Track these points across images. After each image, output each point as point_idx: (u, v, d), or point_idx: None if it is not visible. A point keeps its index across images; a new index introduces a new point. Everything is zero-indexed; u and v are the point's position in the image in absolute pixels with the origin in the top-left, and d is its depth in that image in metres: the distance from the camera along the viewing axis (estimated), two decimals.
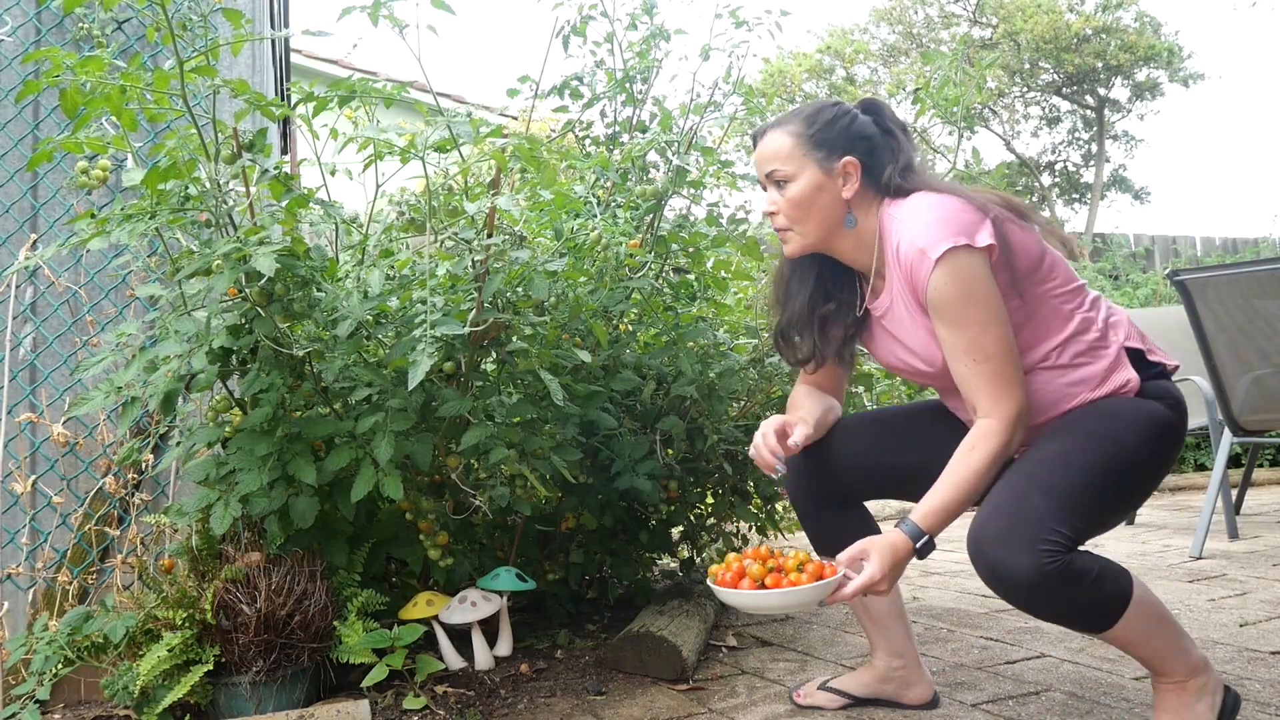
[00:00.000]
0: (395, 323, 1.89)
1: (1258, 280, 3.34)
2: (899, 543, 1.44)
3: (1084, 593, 1.39)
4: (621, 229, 2.09)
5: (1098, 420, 1.50)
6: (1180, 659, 1.51)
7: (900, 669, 1.80)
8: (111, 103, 1.52)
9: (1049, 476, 1.43)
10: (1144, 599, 1.46)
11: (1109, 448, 1.47)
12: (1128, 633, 1.46)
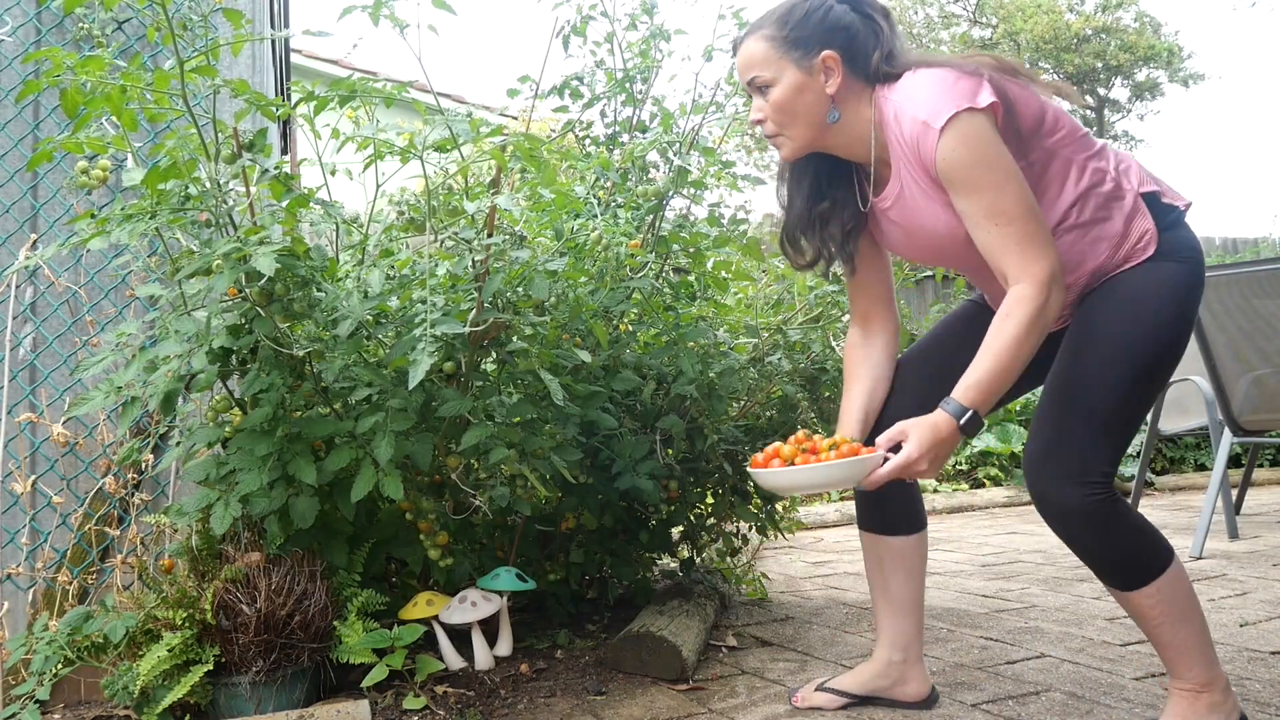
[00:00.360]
0: (395, 323, 1.89)
1: (1258, 280, 3.34)
2: (940, 421, 1.43)
3: (1125, 534, 1.45)
4: (622, 229, 2.09)
5: (1126, 318, 1.50)
6: (1200, 663, 1.50)
7: (900, 663, 1.78)
8: (112, 103, 1.51)
9: (1089, 403, 1.46)
10: (1180, 578, 1.49)
11: (1139, 351, 1.48)
12: (1156, 604, 1.47)
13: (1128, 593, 1.48)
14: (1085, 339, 1.52)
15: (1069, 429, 1.47)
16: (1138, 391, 1.48)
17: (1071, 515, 1.45)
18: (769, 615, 2.65)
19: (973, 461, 5.69)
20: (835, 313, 2.57)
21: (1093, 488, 1.44)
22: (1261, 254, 7.96)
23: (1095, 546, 1.47)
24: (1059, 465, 1.46)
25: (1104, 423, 1.46)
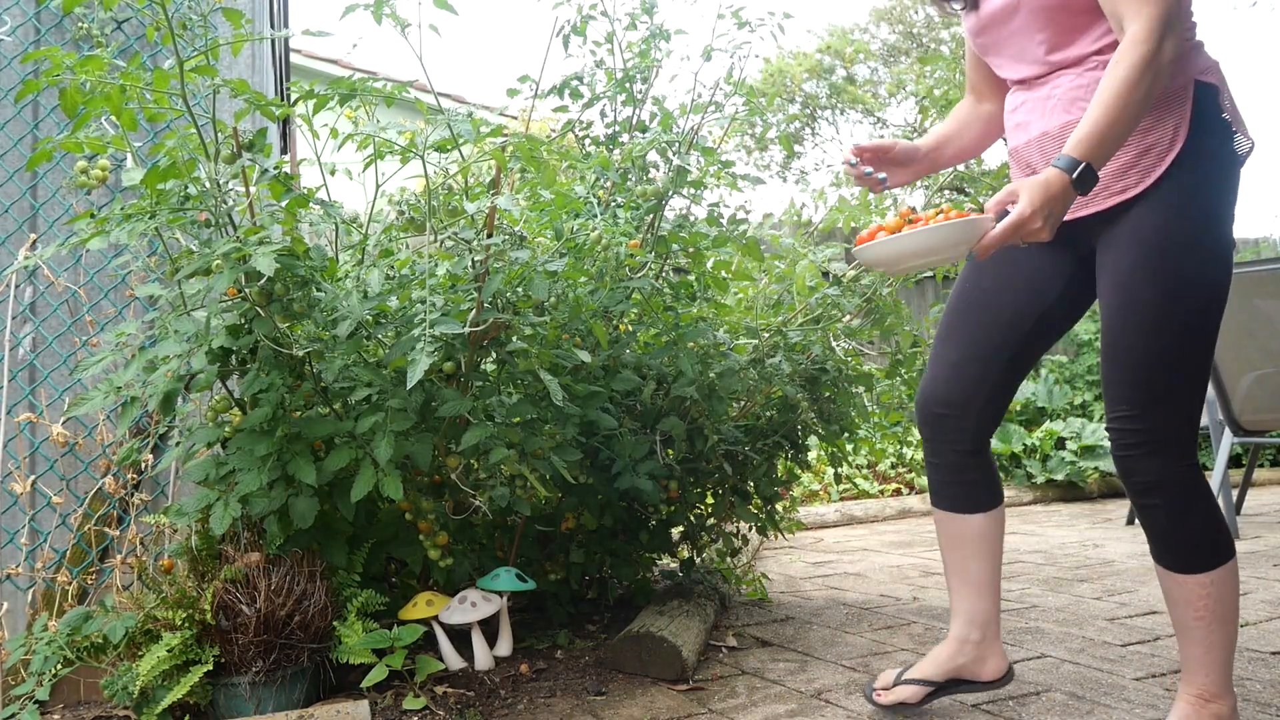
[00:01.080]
0: (395, 323, 1.89)
1: (1258, 280, 3.33)
2: (1051, 177, 1.35)
3: (1203, 510, 1.45)
4: (622, 229, 2.08)
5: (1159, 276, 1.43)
6: (1219, 673, 1.49)
7: (978, 642, 1.73)
8: (111, 102, 1.51)
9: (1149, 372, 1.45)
10: (1235, 577, 1.49)
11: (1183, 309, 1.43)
12: (1206, 595, 1.47)
13: (1184, 575, 1.47)
14: (1125, 303, 1.47)
15: (1138, 401, 1.46)
16: (1194, 344, 1.45)
17: (1156, 486, 1.45)
18: (769, 615, 2.65)
19: None
20: (835, 314, 2.57)
21: (1174, 456, 1.44)
22: (1262, 254, 7.96)
23: (1173, 517, 1.46)
24: (1134, 440, 1.46)
25: (1169, 388, 1.44)
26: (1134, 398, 1.46)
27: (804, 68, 10.59)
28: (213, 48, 1.57)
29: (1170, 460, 1.45)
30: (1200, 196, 1.44)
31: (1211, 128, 1.45)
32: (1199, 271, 1.44)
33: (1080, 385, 6.29)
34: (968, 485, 1.73)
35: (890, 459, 5.62)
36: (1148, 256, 1.45)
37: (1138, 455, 1.46)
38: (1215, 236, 1.45)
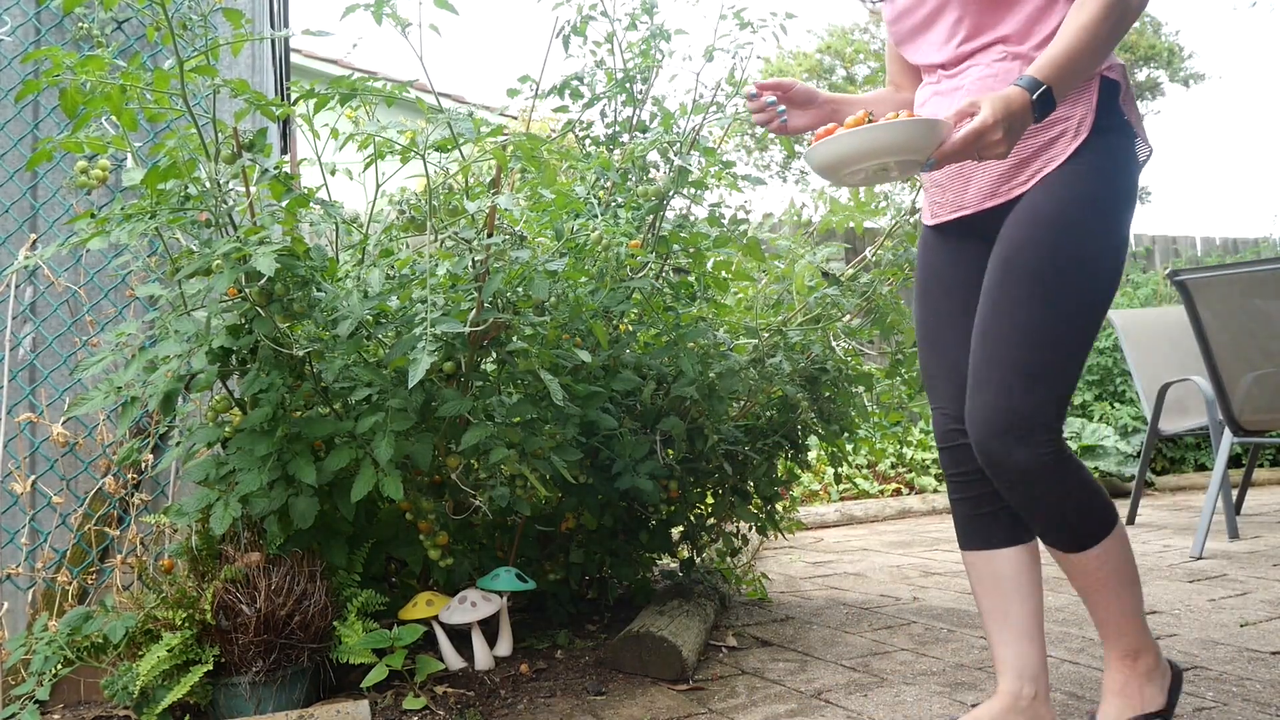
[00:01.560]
0: (395, 323, 1.89)
1: (1258, 280, 3.33)
2: (1012, 93, 1.31)
3: (1077, 492, 1.40)
4: (622, 229, 2.09)
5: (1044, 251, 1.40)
6: (1136, 629, 1.48)
7: (1031, 699, 1.54)
8: (111, 102, 1.51)
9: (1018, 354, 1.39)
10: (1125, 541, 1.45)
11: (1065, 287, 1.39)
12: (1101, 566, 1.43)
13: (1074, 554, 1.43)
14: (1008, 275, 1.42)
15: (1004, 384, 1.40)
16: (1072, 329, 1.40)
17: (1023, 476, 1.39)
18: (769, 615, 2.65)
19: None
20: (835, 313, 2.57)
21: (1040, 444, 1.38)
22: (1262, 254, 7.96)
23: (1047, 505, 1.41)
24: (1001, 423, 1.39)
25: (1042, 369, 1.39)
26: (1010, 378, 1.39)
27: (804, 68, 10.59)
28: (213, 48, 1.57)
29: (1040, 447, 1.38)
30: (1100, 188, 1.43)
31: (1114, 124, 1.46)
32: (1089, 259, 1.41)
33: (1080, 385, 6.29)
34: (1002, 515, 1.59)
35: (890, 459, 5.62)
36: (1040, 233, 1.42)
37: (1005, 440, 1.38)
38: (1109, 230, 1.43)
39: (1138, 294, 6.65)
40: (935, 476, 5.61)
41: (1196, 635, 2.24)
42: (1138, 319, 4.65)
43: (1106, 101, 1.45)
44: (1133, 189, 1.47)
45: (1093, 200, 1.42)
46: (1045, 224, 1.42)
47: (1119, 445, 5.50)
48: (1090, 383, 6.31)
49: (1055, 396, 1.40)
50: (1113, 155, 1.45)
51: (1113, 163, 1.45)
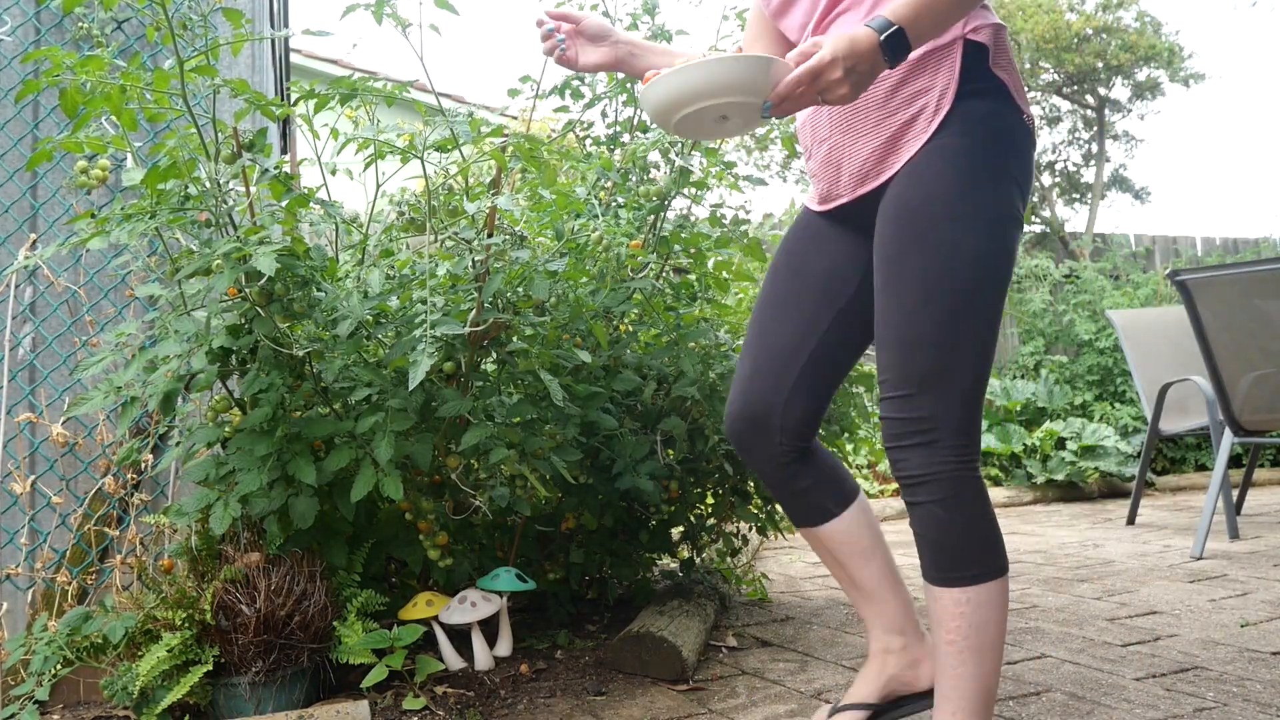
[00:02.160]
0: (395, 323, 1.89)
1: (1258, 280, 3.33)
2: (860, 32, 1.21)
3: (971, 512, 1.31)
4: (623, 229, 2.08)
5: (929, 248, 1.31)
6: (965, 712, 1.32)
7: (900, 649, 1.57)
8: (111, 102, 1.51)
9: (921, 361, 1.31)
10: (997, 604, 1.34)
11: (957, 284, 1.30)
12: (959, 615, 1.31)
13: (941, 589, 1.33)
14: (891, 278, 1.35)
15: (907, 386, 1.33)
16: (968, 324, 1.32)
17: (925, 481, 1.31)
18: (769, 615, 2.65)
19: None
20: None
21: (947, 450, 1.31)
22: (1262, 254, 7.96)
23: (939, 519, 1.31)
24: (901, 430, 1.33)
25: (941, 372, 1.31)
26: (904, 382, 1.32)
27: None
28: (213, 48, 1.57)
29: (942, 454, 1.30)
30: (969, 160, 1.32)
31: (983, 90, 1.35)
32: (969, 242, 1.31)
33: (1080, 385, 6.29)
34: (803, 494, 1.56)
35: None
36: (912, 226, 1.33)
37: (907, 446, 1.32)
38: (989, 205, 1.32)
39: (1138, 294, 6.66)
40: None
41: (1197, 635, 2.24)
42: (1138, 319, 4.66)
43: (973, 67, 1.35)
44: (1012, 157, 1.35)
45: (963, 184, 1.32)
46: (918, 216, 1.33)
47: (1119, 445, 5.50)
48: (1090, 383, 6.31)
49: (958, 400, 1.31)
50: (985, 124, 1.34)
51: (985, 133, 1.34)
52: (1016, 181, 1.36)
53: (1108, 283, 6.77)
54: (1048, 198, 9.82)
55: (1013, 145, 1.36)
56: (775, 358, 1.53)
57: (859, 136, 1.41)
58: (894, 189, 1.37)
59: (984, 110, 1.34)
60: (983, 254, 1.31)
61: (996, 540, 1.34)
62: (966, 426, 1.32)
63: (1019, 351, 6.68)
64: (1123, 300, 6.55)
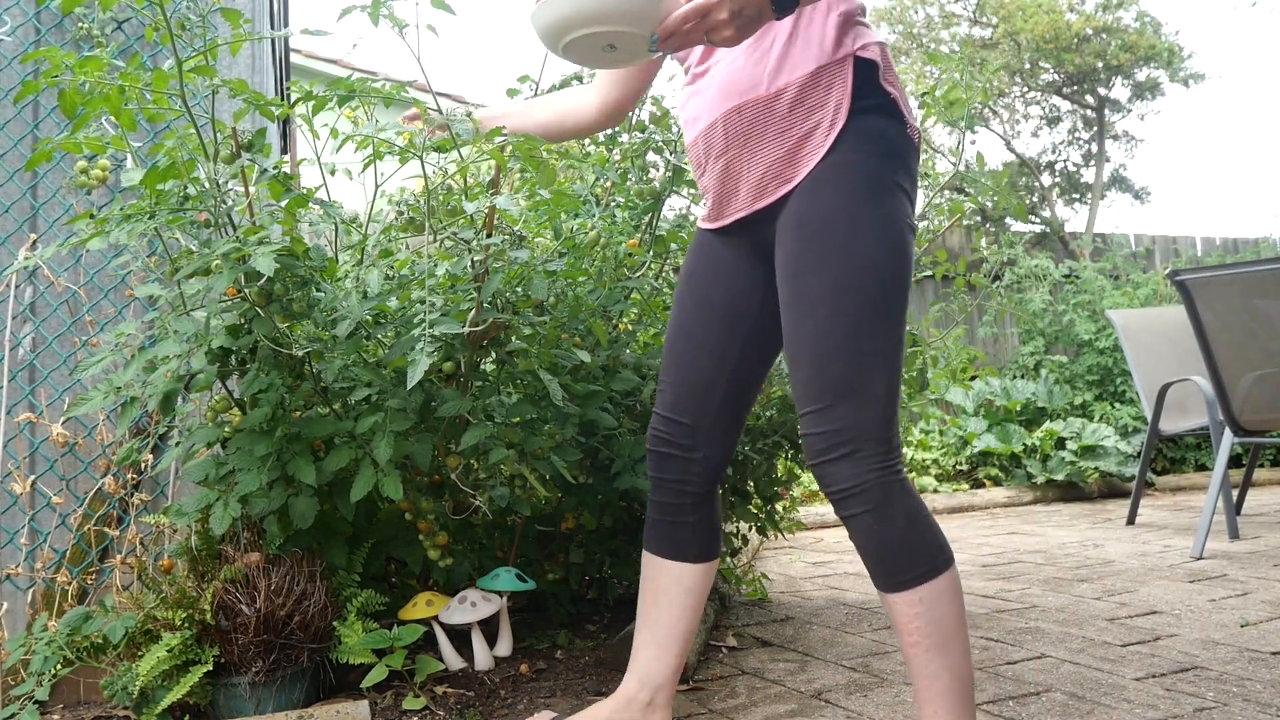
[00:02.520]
0: (395, 323, 1.89)
1: (1258, 280, 3.33)
2: None
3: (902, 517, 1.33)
4: (620, 228, 2.08)
5: (829, 260, 1.34)
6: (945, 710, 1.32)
7: (646, 705, 1.59)
8: (110, 103, 1.51)
9: (832, 369, 1.34)
10: (951, 595, 1.34)
11: (858, 292, 1.34)
12: (916, 616, 1.32)
13: (892, 594, 1.34)
14: (795, 295, 1.38)
15: (822, 401, 1.35)
16: (874, 335, 1.34)
17: (854, 494, 1.33)
18: (769, 615, 2.65)
19: (973, 461, 5.69)
20: None
21: (868, 458, 1.33)
22: (1262, 254, 7.96)
23: (873, 528, 1.33)
24: (823, 444, 1.35)
25: (853, 384, 1.33)
26: (818, 397, 1.35)
27: None
28: (211, 48, 1.57)
29: (866, 463, 1.33)
30: (865, 175, 1.37)
31: (874, 105, 1.40)
32: (871, 254, 1.34)
33: (1080, 385, 6.29)
34: (681, 529, 1.59)
35: None
36: (812, 242, 1.36)
37: (831, 460, 1.34)
38: (884, 216, 1.36)
39: (1138, 294, 6.66)
40: (935, 476, 5.61)
41: (1197, 635, 2.24)
42: (1138, 319, 4.66)
43: (864, 83, 1.40)
44: (901, 169, 1.40)
45: (861, 198, 1.36)
46: (817, 232, 1.37)
47: (1119, 445, 5.50)
48: (1090, 383, 6.31)
49: (875, 408, 1.34)
50: (878, 139, 1.39)
51: (878, 147, 1.39)
52: (906, 192, 1.41)
53: (1108, 283, 6.77)
54: (1048, 198, 9.82)
55: (902, 158, 1.41)
56: (693, 393, 1.57)
57: (756, 151, 1.45)
58: (792, 205, 1.41)
59: (876, 126, 1.40)
60: (884, 263, 1.35)
61: (935, 536, 1.36)
62: (885, 432, 1.35)
63: (1019, 351, 6.68)
64: (1123, 300, 6.55)
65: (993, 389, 6.04)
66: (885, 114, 1.41)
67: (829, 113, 1.39)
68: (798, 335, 1.38)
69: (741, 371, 1.57)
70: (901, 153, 1.41)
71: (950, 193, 3.00)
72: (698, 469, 1.58)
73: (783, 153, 1.42)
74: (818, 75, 1.40)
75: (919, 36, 11.00)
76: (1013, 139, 10.61)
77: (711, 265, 1.57)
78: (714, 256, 1.57)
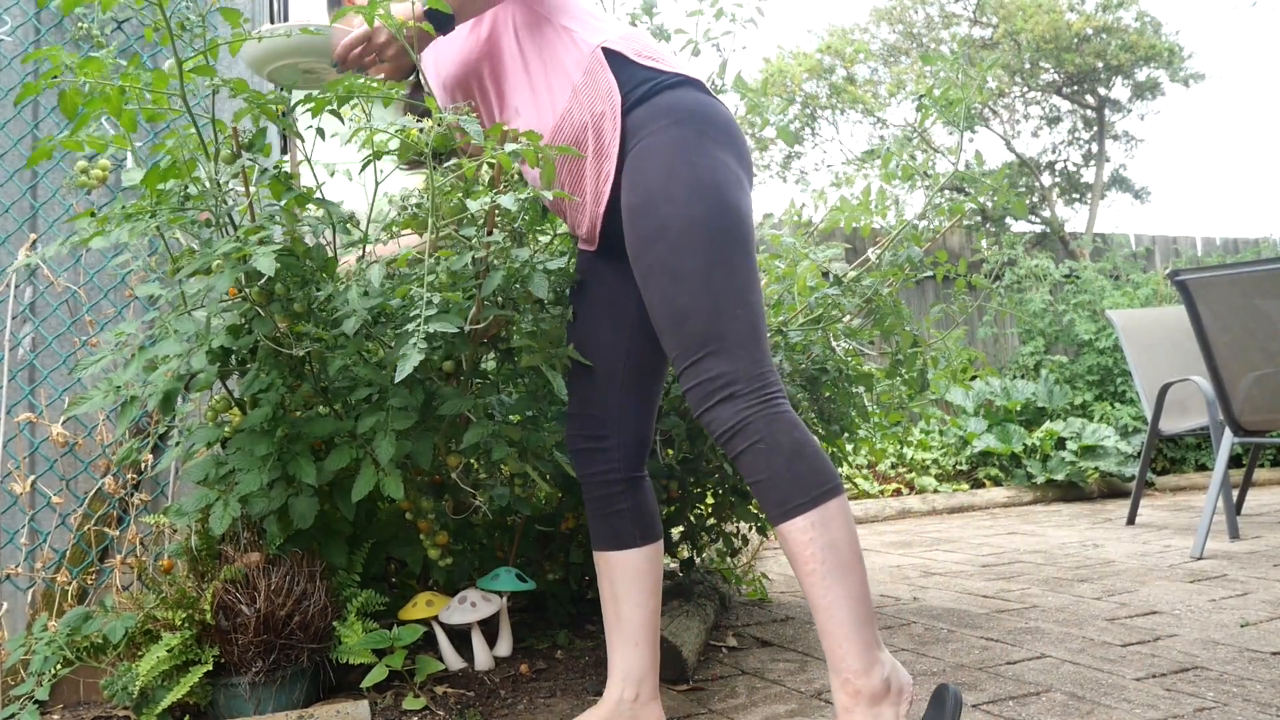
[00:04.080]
0: (396, 321, 1.88)
1: (1258, 280, 3.33)
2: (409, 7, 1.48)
3: (787, 445, 1.39)
4: None
5: (655, 232, 1.45)
6: (850, 639, 1.33)
7: (632, 702, 1.62)
8: (110, 103, 1.51)
9: (690, 327, 1.43)
10: (843, 518, 1.39)
11: (694, 251, 1.42)
12: (810, 542, 1.35)
13: (785, 524, 1.38)
14: (642, 275, 1.48)
15: (692, 356, 1.43)
16: (722, 288, 1.42)
17: (736, 431, 1.40)
18: (769, 615, 2.65)
19: (973, 461, 5.69)
20: (835, 314, 2.57)
21: (747, 398, 1.40)
22: (1262, 254, 7.96)
23: (758, 459, 1.39)
24: (703, 394, 1.43)
25: (716, 337, 1.41)
26: (684, 355, 1.44)
27: (804, 68, 10.59)
28: (211, 47, 1.57)
29: (745, 401, 1.40)
30: (667, 146, 1.46)
31: (651, 89, 1.50)
32: (688, 213, 1.43)
33: (1080, 385, 6.29)
34: (617, 518, 1.67)
35: (890, 459, 5.62)
36: (641, 223, 1.47)
37: (710, 407, 1.42)
38: (695, 176, 1.45)
39: (1138, 294, 6.66)
40: (935, 477, 5.61)
41: (1197, 635, 2.24)
42: (1138, 319, 4.66)
43: (622, 70, 1.51)
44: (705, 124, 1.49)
45: (665, 170, 1.45)
46: (639, 214, 1.47)
47: (1119, 445, 5.50)
48: (1090, 383, 6.31)
49: (741, 351, 1.42)
50: (665, 113, 1.48)
51: (668, 119, 1.48)
52: (718, 142, 1.49)
53: (1108, 283, 6.77)
54: (1048, 198, 9.82)
55: (699, 117, 1.49)
56: (596, 386, 1.69)
57: (580, 176, 1.57)
58: (622, 198, 1.52)
59: (661, 103, 1.49)
60: (704, 218, 1.44)
61: (822, 462, 1.41)
62: (758, 370, 1.42)
63: (1019, 351, 6.68)
64: (1123, 300, 6.55)
65: (993, 389, 6.04)
66: (664, 88, 1.50)
67: (609, 109, 1.50)
68: (653, 307, 1.47)
69: (636, 358, 1.68)
70: (696, 112, 1.49)
71: (950, 193, 3.00)
72: (615, 456, 1.67)
73: (592, 158, 1.54)
74: (578, 92, 1.52)
75: (919, 36, 11.01)
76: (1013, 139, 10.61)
77: (592, 276, 1.71)
78: (592, 268, 1.71)
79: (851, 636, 1.34)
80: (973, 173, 2.62)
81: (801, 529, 1.37)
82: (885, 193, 2.68)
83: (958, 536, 4.23)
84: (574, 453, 1.71)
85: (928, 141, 8.45)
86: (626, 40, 1.54)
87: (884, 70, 10.93)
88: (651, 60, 1.52)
